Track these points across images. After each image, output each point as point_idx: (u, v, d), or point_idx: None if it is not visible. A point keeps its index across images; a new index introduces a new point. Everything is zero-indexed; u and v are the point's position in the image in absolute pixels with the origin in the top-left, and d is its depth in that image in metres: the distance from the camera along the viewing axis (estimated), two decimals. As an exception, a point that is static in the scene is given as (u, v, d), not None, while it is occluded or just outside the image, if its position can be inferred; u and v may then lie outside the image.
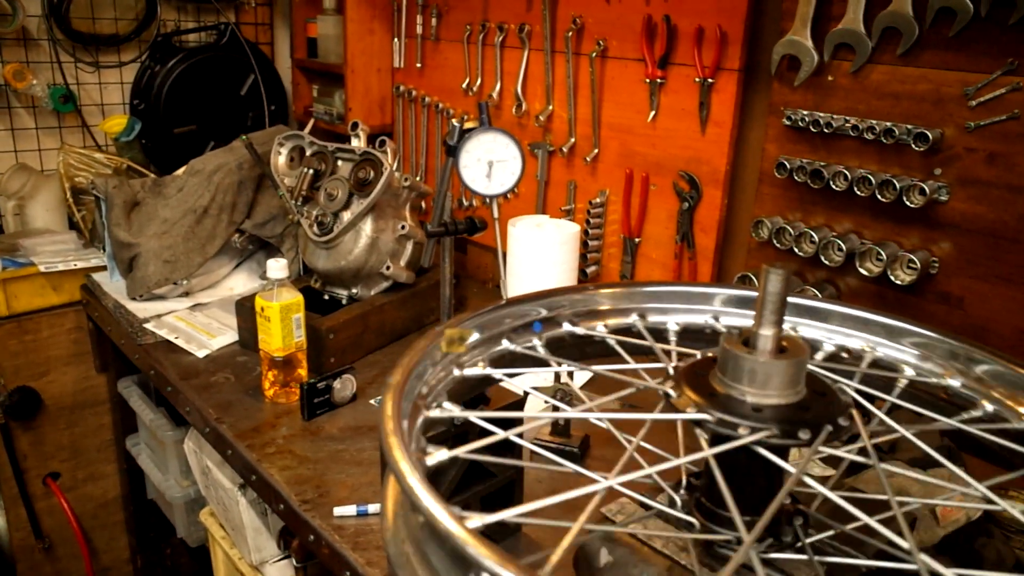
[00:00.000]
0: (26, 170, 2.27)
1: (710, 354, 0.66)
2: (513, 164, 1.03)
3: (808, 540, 0.61)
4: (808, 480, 0.55)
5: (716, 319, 0.82)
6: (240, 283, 2.02)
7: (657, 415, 0.60)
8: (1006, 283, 1.23)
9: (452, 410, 0.62)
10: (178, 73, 2.42)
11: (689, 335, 0.82)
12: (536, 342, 0.75)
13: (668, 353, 0.73)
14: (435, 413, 0.61)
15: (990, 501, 0.56)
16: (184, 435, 1.85)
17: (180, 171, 1.99)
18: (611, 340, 0.76)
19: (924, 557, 0.48)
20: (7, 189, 2.24)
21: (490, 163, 1.00)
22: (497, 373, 0.70)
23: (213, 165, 1.91)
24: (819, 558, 0.59)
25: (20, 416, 2.07)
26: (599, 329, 0.79)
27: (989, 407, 0.67)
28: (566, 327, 0.78)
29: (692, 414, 0.57)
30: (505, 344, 0.73)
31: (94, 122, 2.42)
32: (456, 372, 0.68)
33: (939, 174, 1.26)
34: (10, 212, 2.25)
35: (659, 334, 0.80)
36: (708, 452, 0.56)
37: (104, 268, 2.05)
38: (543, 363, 0.76)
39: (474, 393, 0.76)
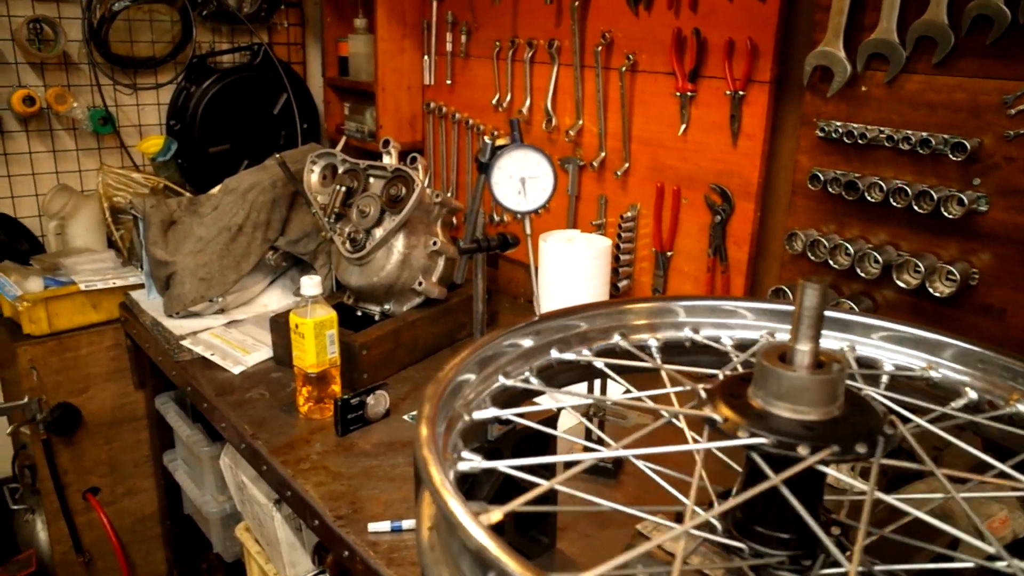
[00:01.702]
0: (67, 191, 2.32)
1: (726, 373, 0.65)
2: (545, 180, 1.03)
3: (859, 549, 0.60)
4: (885, 497, 0.54)
5: (771, 335, 0.80)
6: (274, 300, 2.05)
7: (708, 444, 0.58)
8: (1049, 294, 1.20)
9: (475, 459, 0.61)
10: (213, 93, 2.47)
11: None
12: (586, 352, 0.75)
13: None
14: (463, 467, 0.60)
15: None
16: (220, 451, 1.87)
17: (215, 190, 2.02)
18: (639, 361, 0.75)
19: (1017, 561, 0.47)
20: (49, 210, 2.30)
21: (522, 180, 1.00)
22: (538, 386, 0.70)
23: (247, 184, 1.94)
24: (881, 568, 0.58)
25: (61, 432, 2.11)
26: (650, 343, 0.78)
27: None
28: (616, 339, 0.77)
29: (747, 439, 0.56)
30: (554, 353, 0.73)
31: (132, 143, 2.47)
32: (501, 380, 0.68)
33: (978, 184, 1.24)
34: (52, 232, 2.30)
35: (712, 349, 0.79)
36: (776, 479, 0.54)
37: (142, 286, 2.08)
38: (590, 374, 0.75)
39: (516, 403, 0.76)
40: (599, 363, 0.75)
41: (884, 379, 0.74)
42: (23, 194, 2.32)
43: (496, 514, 0.46)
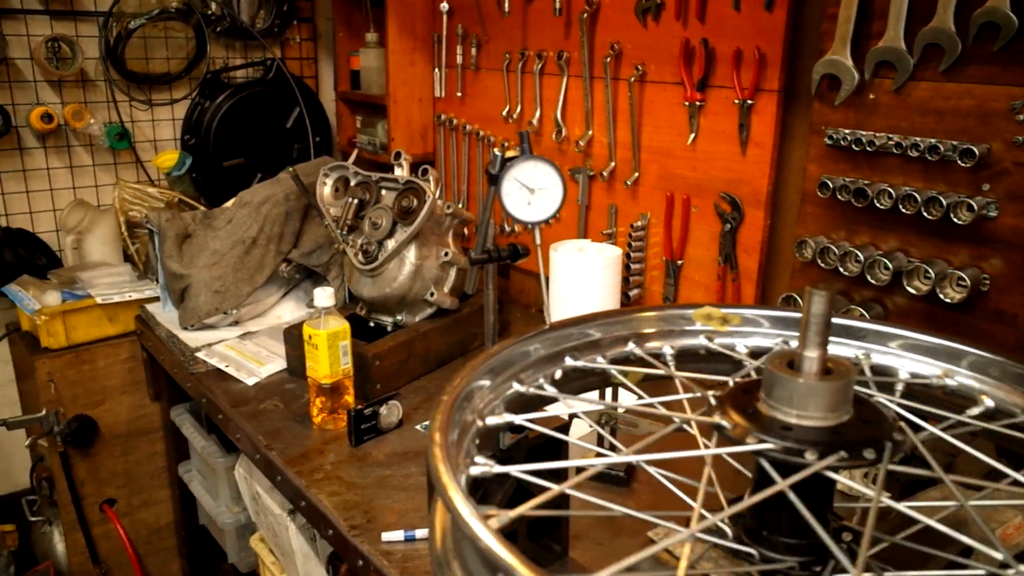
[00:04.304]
0: (84, 206, 2.35)
1: (735, 380, 0.66)
2: (554, 191, 1.04)
3: (869, 553, 0.60)
4: (893, 503, 0.55)
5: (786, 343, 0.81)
6: (288, 312, 2.06)
7: (717, 450, 0.59)
8: (1061, 300, 1.20)
9: (488, 464, 0.62)
10: (226, 108, 2.50)
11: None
12: (600, 360, 0.75)
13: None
14: (474, 471, 0.61)
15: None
16: (234, 462, 1.89)
17: (229, 203, 2.04)
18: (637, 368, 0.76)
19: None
20: (66, 224, 2.33)
21: (532, 191, 1.02)
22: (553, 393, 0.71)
23: (261, 197, 1.96)
24: (890, 574, 0.58)
25: (78, 444, 2.13)
26: (665, 351, 0.79)
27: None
28: (631, 346, 0.78)
29: (755, 445, 0.56)
30: (569, 361, 0.74)
31: (147, 158, 2.51)
32: (516, 387, 0.69)
33: (987, 190, 1.24)
34: (69, 246, 2.34)
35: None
36: (783, 484, 0.54)
37: (157, 299, 2.11)
38: (603, 382, 0.76)
39: (528, 410, 0.77)
40: (613, 370, 0.76)
41: (899, 387, 0.74)
42: (41, 209, 2.36)
43: (505, 517, 0.47)
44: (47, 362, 2.05)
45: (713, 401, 0.63)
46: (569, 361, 0.75)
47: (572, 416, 1.31)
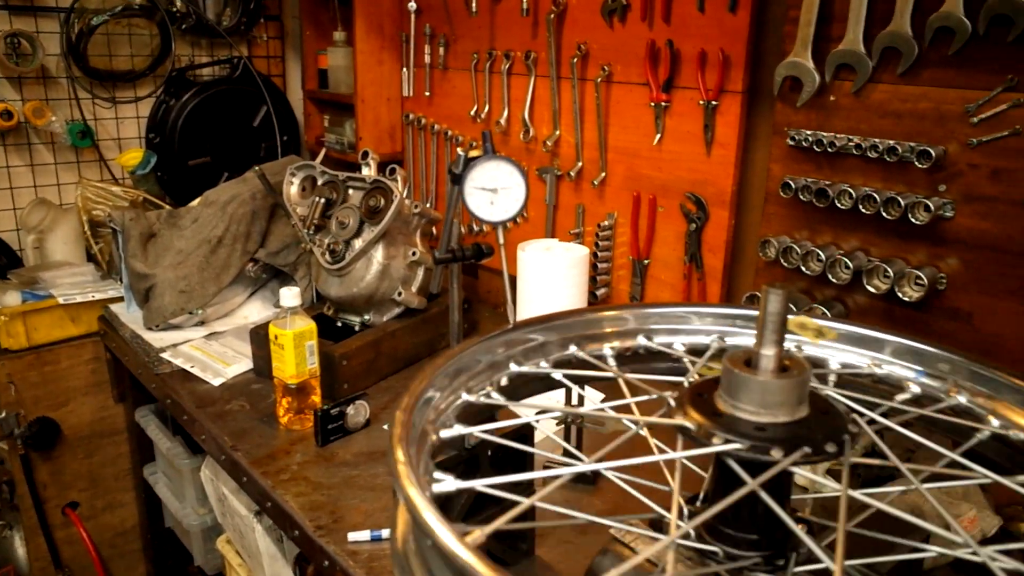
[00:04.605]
0: (45, 204, 2.31)
1: (690, 380, 0.66)
2: (517, 191, 1.05)
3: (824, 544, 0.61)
4: (853, 492, 0.56)
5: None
6: (254, 312, 2.05)
7: (682, 453, 0.59)
8: (1014, 297, 1.23)
9: (460, 429, 0.63)
10: (192, 106, 2.47)
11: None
12: (544, 364, 0.76)
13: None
14: (446, 433, 0.62)
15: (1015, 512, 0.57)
16: (200, 463, 1.87)
17: (195, 202, 2.02)
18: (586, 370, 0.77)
19: (989, 550, 0.48)
20: (27, 223, 2.29)
21: (495, 190, 1.02)
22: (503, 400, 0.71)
23: (227, 196, 1.94)
24: (849, 562, 0.59)
25: (40, 446, 2.10)
26: (605, 351, 0.80)
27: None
28: (572, 350, 0.79)
29: (721, 445, 0.57)
30: (513, 367, 0.74)
31: (111, 156, 2.47)
32: (465, 397, 0.69)
33: (944, 190, 1.27)
34: (30, 246, 2.30)
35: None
36: (754, 484, 0.55)
37: (121, 299, 2.08)
38: (553, 385, 0.76)
39: (488, 416, 0.77)
40: (557, 375, 0.76)
41: (832, 377, 0.76)
42: (1, 208, 2.31)
43: (481, 535, 0.47)
44: (7, 363, 2.01)
45: (672, 403, 0.63)
46: (514, 367, 0.75)
47: (538, 413, 1.32)
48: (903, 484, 0.66)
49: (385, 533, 1.16)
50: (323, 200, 1.72)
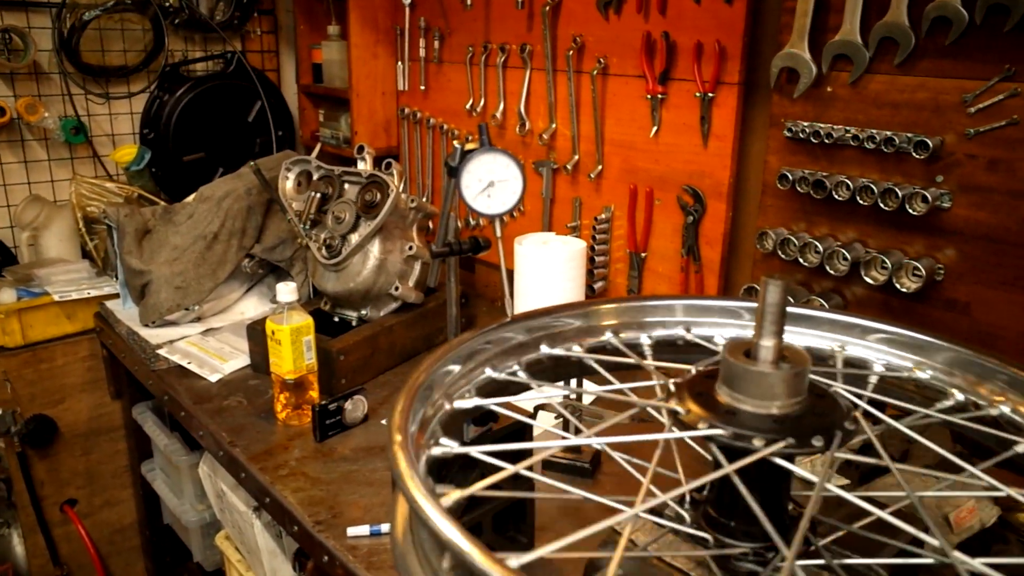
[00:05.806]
0: (39, 201, 2.30)
1: (698, 368, 0.66)
2: (514, 184, 1.04)
3: (822, 543, 0.61)
4: (831, 487, 0.56)
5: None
6: (251, 307, 2.04)
7: (669, 435, 0.60)
8: (1011, 288, 1.23)
9: (451, 445, 0.62)
10: (186, 102, 2.46)
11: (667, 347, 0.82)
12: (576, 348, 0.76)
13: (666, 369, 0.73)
14: (436, 451, 0.61)
15: (1015, 501, 0.56)
16: (198, 459, 1.87)
17: (190, 198, 2.01)
18: (589, 360, 0.77)
19: (958, 554, 0.48)
20: (21, 220, 2.28)
21: (491, 183, 1.02)
22: (492, 402, 0.71)
23: (222, 191, 1.93)
24: (839, 561, 0.60)
25: (37, 444, 2.09)
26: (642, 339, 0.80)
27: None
28: (607, 336, 0.79)
29: (705, 430, 0.57)
30: (488, 372, 0.74)
31: (105, 152, 2.46)
32: (489, 372, 0.69)
33: (941, 181, 1.27)
34: (24, 243, 2.29)
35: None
36: (729, 468, 0.55)
37: (117, 296, 2.07)
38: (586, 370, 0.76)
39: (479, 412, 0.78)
40: (590, 359, 0.76)
41: (872, 379, 0.75)
42: (-6, 205, 2.31)
43: (455, 494, 0.47)
44: (3, 361, 2.00)
45: (672, 388, 0.64)
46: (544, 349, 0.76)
47: (537, 408, 1.32)
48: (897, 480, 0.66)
49: (384, 527, 1.16)
50: (319, 195, 1.71)
